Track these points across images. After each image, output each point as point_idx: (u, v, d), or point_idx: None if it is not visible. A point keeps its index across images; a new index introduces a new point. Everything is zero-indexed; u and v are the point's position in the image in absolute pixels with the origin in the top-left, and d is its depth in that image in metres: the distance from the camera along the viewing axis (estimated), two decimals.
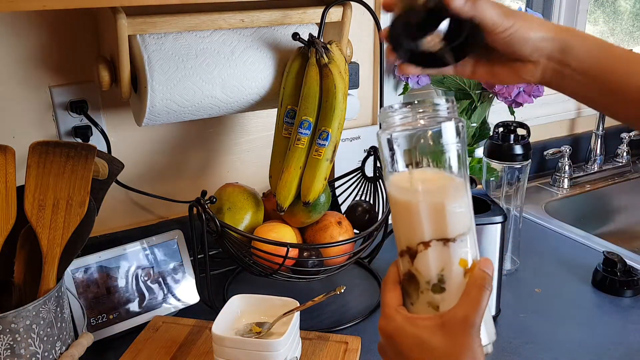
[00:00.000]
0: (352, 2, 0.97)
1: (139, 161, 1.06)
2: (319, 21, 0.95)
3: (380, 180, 1.06)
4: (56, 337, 0.75)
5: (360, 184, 1.10)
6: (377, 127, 1.06)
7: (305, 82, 0.90)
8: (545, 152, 1.49)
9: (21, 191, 0.74)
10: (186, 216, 0.90)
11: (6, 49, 0.90)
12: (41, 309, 0.72)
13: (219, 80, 0.89)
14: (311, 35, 0.91)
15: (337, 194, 1.13)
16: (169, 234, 0.96)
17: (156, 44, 0.85)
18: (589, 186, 1.53)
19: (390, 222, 1.09)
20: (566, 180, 1.51)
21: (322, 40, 0.93)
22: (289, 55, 0.94)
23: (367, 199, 1.08)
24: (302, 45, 0.92)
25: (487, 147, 1.06)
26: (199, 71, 0.88)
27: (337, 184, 1.12)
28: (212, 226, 0.87)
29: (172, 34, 0.86)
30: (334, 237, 0.95)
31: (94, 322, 0.87)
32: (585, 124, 1.65)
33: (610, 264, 1.02)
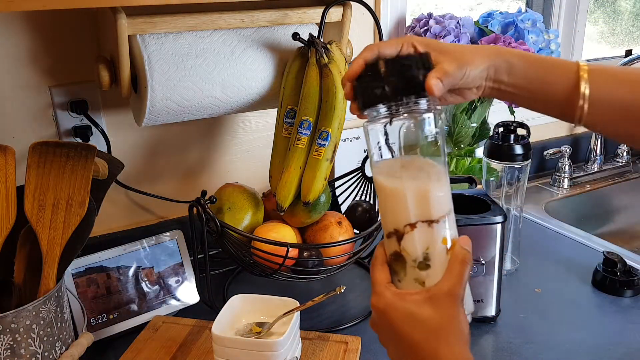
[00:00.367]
0: (352, 2, 0.97)
1: (139, 161, 1.06)
2: (319, 21, 0.95)
3: None
4: (56, 337, 0.75)
5: (360, 184, 1.10)
6: None
7: (305, 82, 0.90)
8: (545, 152, 1.49)
9: (21, 191, 0.74)
10: (186, 216, 0.90)
11: (6, 49, 0.90)
12: (41, 309, 0.72)
13: (219, 80, 0.89)
14: (311, 35, 0.91)
15: (337, 194, 1.13)
16: (169, 234, 0.96)
17: (156, 44, 0.85)
18: (589, 186, 1.53)
19: None
20: (566, 180, 1.51)
21: (322, 40, 0.93)
22: (289, 55, 0.94)
23: (367, 199, 1.08)
24: (302, 45, 0.92)
25: (487, 147, 1.06)
26: (199, 71, 0.88)
27: (337, 184, 1.12)
28: (212, 226, 0.87)
29: (172, 34, 0.86)
30: (334, 237, 0.95)
31: (94, 322, 0.87)
32: None
33: (610, 264, 1.02)
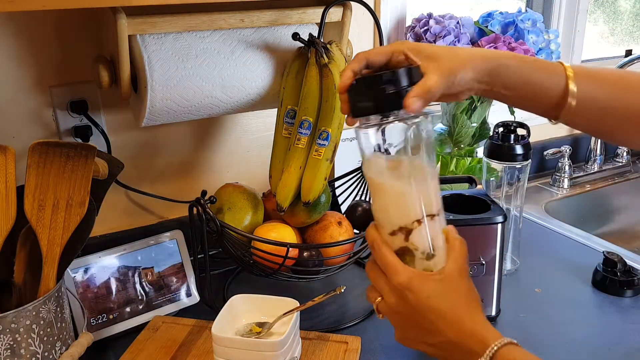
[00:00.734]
0: (352, 2, 0.97)
1: (139, 161, 1.06)
2: (319, 21, 0.95)
3: None
4: (56, 337, 0.75)
5: (360, 184, 1.10)
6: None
7: (305, 82, 0.90)
8: (545, 152, 1.49)
9: (21, 191, 0.74)
10: (186, 216, 0.90)
11: (6, 49, 0.90)
12: (41, 309, 0.72)
13: (219, 80, 0.89)
14: (311, 35, 0.91)
15: (337, 194, 1.13)
16: (169, 234, 0.96)
17: (156, 44, 0.85)
18: (589, 186, 1.54)
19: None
20: (566, 180, 1.51)
21: (322, 40, 0.93)
22: (289, 55, 0.94)
23: (367, 199, 1.08)
24: (302, 45, 0.92)
25: (487, 147, 1.06)
26: (199, 71, 0.88)
27: (337, 184, 1.12)
28: (212, 226, 0.87)
29: (172, 34, 0.87)
30: (334, 237, 0.95)
31: (94, 322, 0.87)
32: None
33: (610, 264, 1.02)
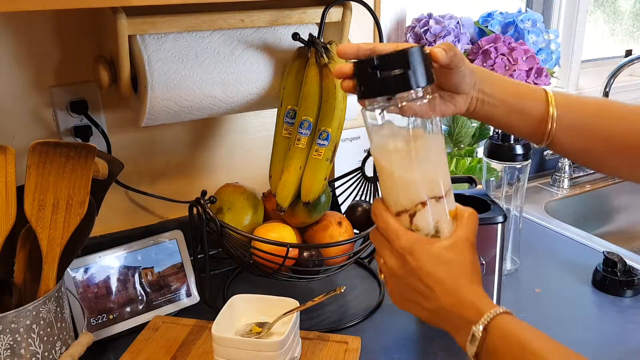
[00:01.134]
0: (352, 2, 0.97)
1: (139, 161, 1.06)
2: (319, 21, 0.95)
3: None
4: (56, 337, 0.75)
5: (360, 184, 1.10)
6: None
7: (305, 82, 0.90)
8: (545, 152, 1.49)
9: (21, 191, 0.74)
10: (186, 216, 0.90)
11: (6, 49, 0.90)
12: (41, 309, 0.72)
13: (219, 80, 0.89)
14: (311, 35, 0.91)
15: (337, 194, 1.13)
16: (169, 234, 0.96)
17: (156, 44, 0.85)
18: (589, 186, 1.54)
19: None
20: (566, 180, 1.51)
21: (322, 40, 0.93)
22: (289, 55, 0.94)
23: (367, 199, 1.08)
24: (302, 45, 0.92)
25: (487, 147, 1.06)
26: (199, 71, 0.88)
27: (337, 184, 1.12)
28: (212, 226, 0.87)
29: (172, 34, 0.87)
30: (334, 237, 0.95)
31: (94, 322, 0.87)
32: None
33: (610, 264, 1.02)
